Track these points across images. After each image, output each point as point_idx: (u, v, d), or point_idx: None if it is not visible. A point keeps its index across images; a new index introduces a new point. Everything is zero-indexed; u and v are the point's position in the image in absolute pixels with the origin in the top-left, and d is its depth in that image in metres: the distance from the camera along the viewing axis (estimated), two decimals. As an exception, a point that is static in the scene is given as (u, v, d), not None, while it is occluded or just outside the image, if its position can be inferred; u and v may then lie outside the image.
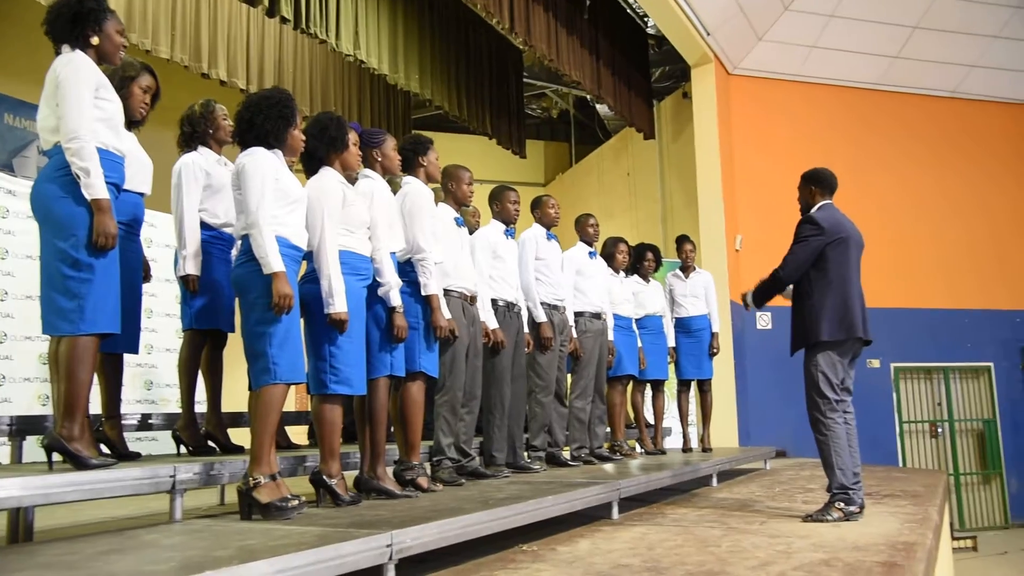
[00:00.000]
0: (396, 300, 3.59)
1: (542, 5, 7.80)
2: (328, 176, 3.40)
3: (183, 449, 3.81)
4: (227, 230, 3.88)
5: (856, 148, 10.25)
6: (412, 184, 4.04)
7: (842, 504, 3.83)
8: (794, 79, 10.36)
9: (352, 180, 3.66)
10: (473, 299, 4.44)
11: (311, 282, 3.24)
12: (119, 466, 2.84)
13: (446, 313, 3.96)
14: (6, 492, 2.41)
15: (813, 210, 4.17)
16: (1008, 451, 10.43)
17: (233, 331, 4.02)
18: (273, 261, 2.89)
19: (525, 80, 11.54)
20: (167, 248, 5.12)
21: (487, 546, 3.21)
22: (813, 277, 4.01)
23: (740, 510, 4.41)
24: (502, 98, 10.35)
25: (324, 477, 3.27)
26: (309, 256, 3.26)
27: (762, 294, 4.28)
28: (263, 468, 2.91)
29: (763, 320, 9.69)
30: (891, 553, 3.03)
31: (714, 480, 5.79)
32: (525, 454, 5.02)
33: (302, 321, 3.21)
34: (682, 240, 7.09)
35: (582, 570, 2.85)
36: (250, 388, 3.09)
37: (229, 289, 3.90)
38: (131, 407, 5.54)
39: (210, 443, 3.87)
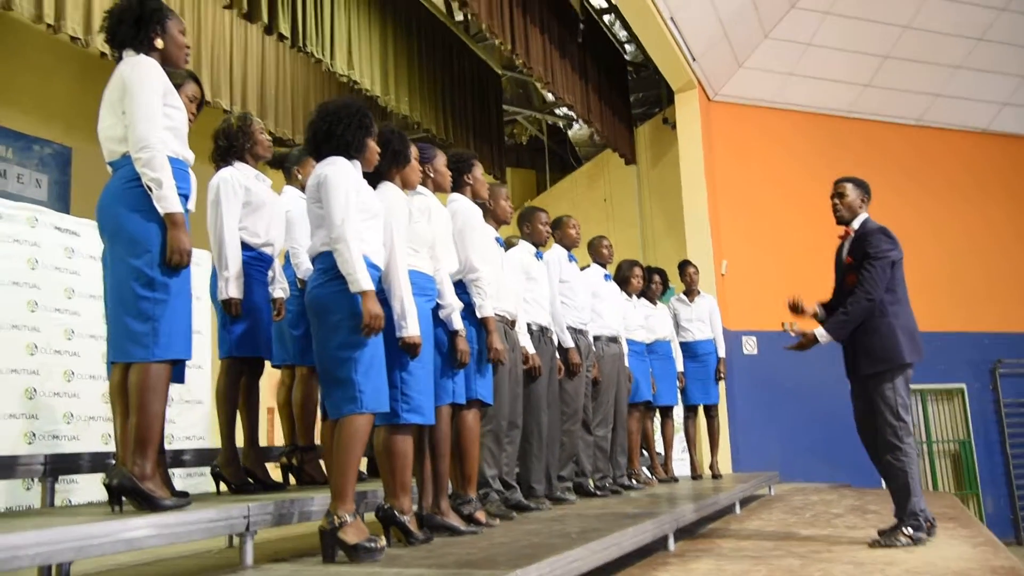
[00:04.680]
0: (458, 323, 3.40)
1: (539, 28, 7.74)
2: (393, 191, 3.21)
3: (223, 487, 3.52)
4: (266, 250, 3.65)
5: (831, 175, 10.36)
6: (460, 202, 3.85)
7: (911, 530, 3.72)
8: (771, 106, 10.49)
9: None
10: (514, 323, 4.26)
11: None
12: (192, 507, 2.57)
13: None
14: (79, 541, 2.14)
15: (863, 220, 4.08)
16: (983, 471, 10.58)
17: (271, 358, 3.78)
18: (362, 279, 2.68)
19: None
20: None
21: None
22: (885, 296, 3.86)
23: (791, 539, 4.27)
24: (483, 123, 10.24)
25: (396, 513, 3.03)
26: (377, 275, 3.05)
27: (847, 326, 3.82)
28: (348, 506, 2.67)
29: (749, 345, 9.68)
30: (1002, 578, 2.93)
31: (737, 508, 5.66)
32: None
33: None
34: (685, 264, 7.04)
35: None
36: (324, 418, 2.86)
37: (268, 313, 3.67)
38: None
39: (249, 480, 3.59)
